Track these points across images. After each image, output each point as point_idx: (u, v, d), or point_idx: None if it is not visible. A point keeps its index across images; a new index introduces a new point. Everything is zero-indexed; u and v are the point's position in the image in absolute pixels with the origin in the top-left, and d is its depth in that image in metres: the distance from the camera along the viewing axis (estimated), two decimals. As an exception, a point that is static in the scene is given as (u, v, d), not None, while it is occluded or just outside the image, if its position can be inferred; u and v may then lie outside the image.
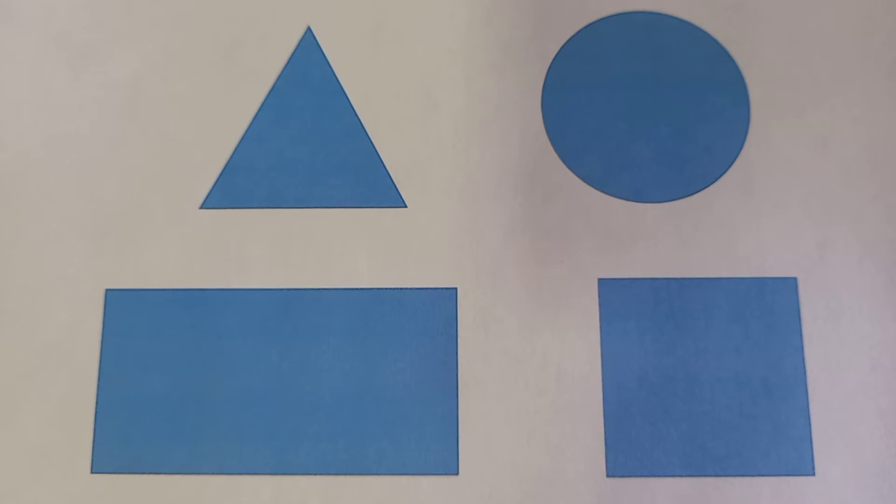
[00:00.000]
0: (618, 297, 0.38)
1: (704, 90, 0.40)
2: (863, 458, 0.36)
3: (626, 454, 0.36)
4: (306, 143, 0.40)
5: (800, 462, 0.36)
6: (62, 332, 0.38)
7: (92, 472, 0.37)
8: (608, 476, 0.36)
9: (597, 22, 0.41)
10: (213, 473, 0.37)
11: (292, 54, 0.41)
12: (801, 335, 0.37)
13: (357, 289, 0.38)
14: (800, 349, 0.37)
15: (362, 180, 0.39)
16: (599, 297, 0.38)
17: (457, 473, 0.36)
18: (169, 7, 0.42)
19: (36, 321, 0.38)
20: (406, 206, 0.39)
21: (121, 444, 0.37)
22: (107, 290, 0.38)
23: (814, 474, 0.36)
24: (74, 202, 0.39)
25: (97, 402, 0.37)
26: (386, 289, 0.38)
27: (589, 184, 0.39)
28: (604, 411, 0.37)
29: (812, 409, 0.37)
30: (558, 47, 0.40)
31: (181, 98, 0.40)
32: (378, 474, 0.37)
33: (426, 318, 0.38)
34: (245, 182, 0.39)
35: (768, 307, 0.38)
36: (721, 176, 0.39)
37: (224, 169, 0.40)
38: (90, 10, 0.42)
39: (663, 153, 0.39)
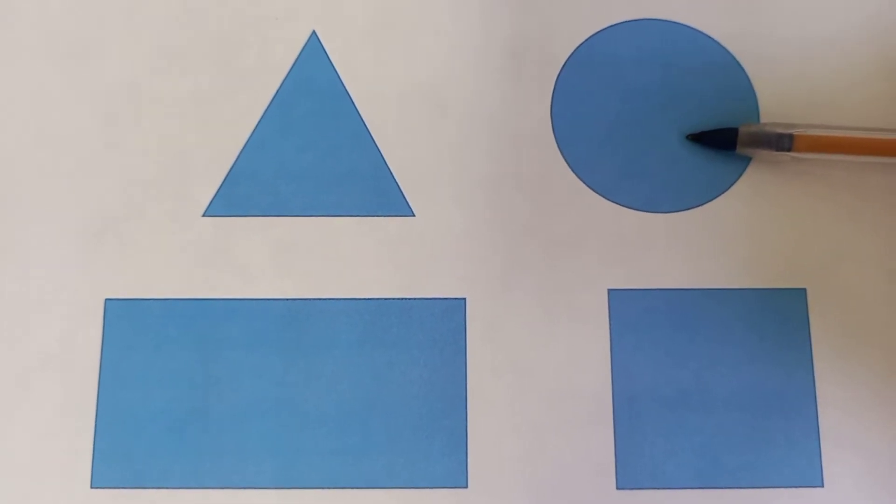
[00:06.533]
0: (628, 309, 0.37)
1: (714, 99, 0.40)
2: (872, 469, 0.36)
3: (637, 467, 0.36)
4: (311, 149, 0.39)
5: (809, 473, 0.36)
6: (60, 343, 0.37)
7: (91, 487, 0.36)
8: (618, 489, 0.36)
9: (608, 28, 0.40)
10: (215, 488, 0.36)
11: (297, 59, 0.40)
12: (810, 347, 0.37)
13: (363, 299, 0.38)
14: (809, 360, 0.37)
15: (369, 188, 0.39)
16: (609, 308, 0.38)
17: (466, 487, 0.36)
18: (168, 7, 0.41)
19: (32, 331, 0.37)
20: (414, 215, 0.39)
21: (121, 458, 0.36)
22: (106, 300, 0.38)
23: (822, 485, 0.36)
24: (71, 208, 0.39)
25: (97, 415, 0.37)
26: (393, 299, 0.38)
27: (599, 193, 0.39)
28: (614, 424, 0.37)
29: (821, 421, 0.37)
30: (569, 53, 0.40)
31: (181, 101, 0.40)
32: (385, 488, 0.36)
33: (434, 329, 0.37)
34: (249, 189, 0.39)
35: (778, 319, 0.37)
36: (732, 185, 0.39)
37: (227, 176, 0.39)
38: (85, 8, 0.41)
39: (674, 162, 0.39)
